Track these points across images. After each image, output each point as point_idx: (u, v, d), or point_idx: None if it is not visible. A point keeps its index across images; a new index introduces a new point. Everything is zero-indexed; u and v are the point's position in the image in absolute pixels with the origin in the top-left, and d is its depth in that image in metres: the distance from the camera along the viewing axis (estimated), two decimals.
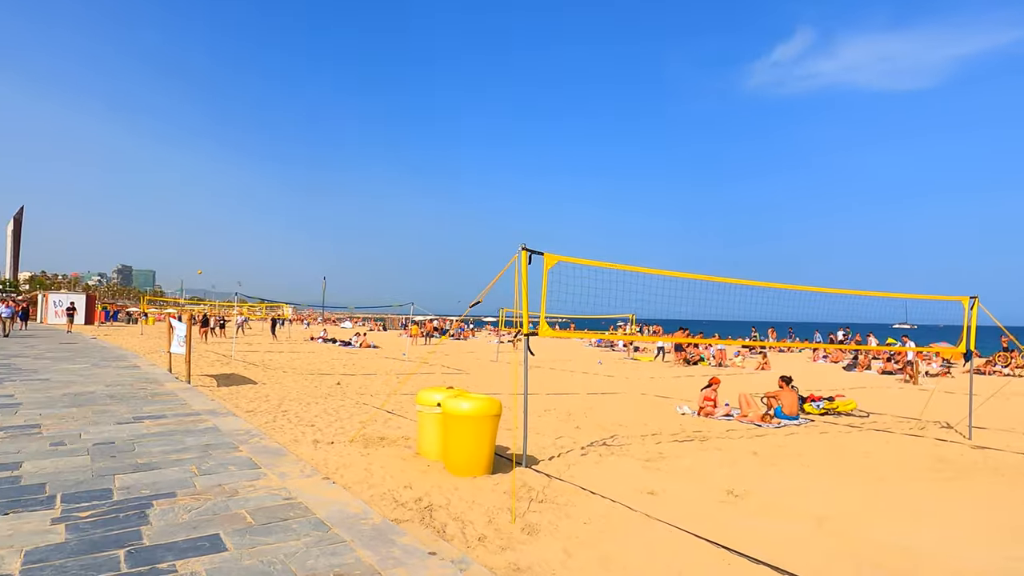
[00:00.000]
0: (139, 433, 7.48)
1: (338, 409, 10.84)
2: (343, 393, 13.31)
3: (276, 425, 8.95)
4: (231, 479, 5.59)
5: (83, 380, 12.41)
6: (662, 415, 12.06)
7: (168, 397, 10.40)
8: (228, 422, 8.38)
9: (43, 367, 14.79)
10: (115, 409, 9.11)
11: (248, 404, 10.84)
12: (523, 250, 6.97)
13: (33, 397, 10.05)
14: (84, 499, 4.95)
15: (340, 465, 6.61)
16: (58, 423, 7.99)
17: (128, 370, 14.63)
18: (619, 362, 28.98)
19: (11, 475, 5.58)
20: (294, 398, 12.05)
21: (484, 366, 23.79)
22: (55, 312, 44.22)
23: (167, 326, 37.77)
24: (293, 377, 16.36)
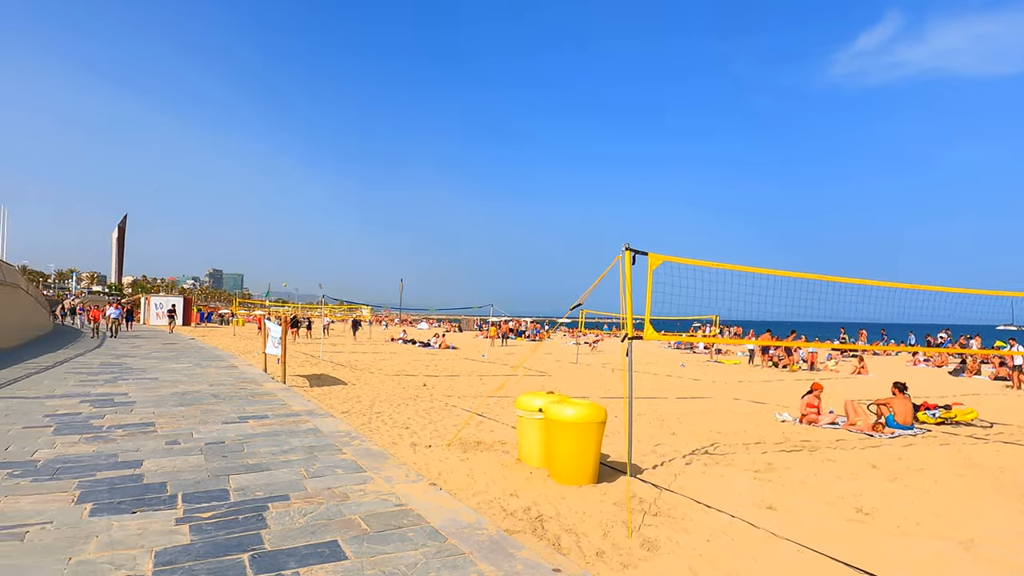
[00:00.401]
0: (246, 433, 7.67)
1: (429, 411, 10.86)
2: (430, 395, 13.38)
3: (372, 427, 9.02)
4: (339, 482, 5.59)
5: (188, 380, 12.99)
6: (761, 422, 11.45)
7: (268, 397, 10.70)
8: (327, 423, 8.50)
9: (151, 367, 15.63)
10: (220, 408, 9.43)
11: (342, 405, 11.02)
12: (627, 250, 6.69)
13: (145, 396, 10.56)
14: (203, 499, 5.05)
15: (442, 470, 6.53)
16: (170, 422, 8.32)
17: (227, 370, 15.24)
18: (702, 365, 28.04)
19: (134, 473, 5.78)
20: (384, 399, 12.19)
21: (565, 368, 23.51)
22: (156, 314, 47.07)
23: (261, 327, 39.44)
24: (380, 378, 16.63)
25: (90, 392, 10.83)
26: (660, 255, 6.91)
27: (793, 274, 8.11)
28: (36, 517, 4.53)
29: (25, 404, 9.38)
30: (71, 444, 6.87)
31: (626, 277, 6.65)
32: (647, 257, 6.85)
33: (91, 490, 5.21)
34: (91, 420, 8.27)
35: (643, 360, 29.58)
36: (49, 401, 9.73)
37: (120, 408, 9.27)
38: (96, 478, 5.57)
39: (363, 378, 16.34)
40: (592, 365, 25.50)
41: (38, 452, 6.47)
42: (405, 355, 26.91)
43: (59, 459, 6.20)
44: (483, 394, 14.05)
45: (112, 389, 11.27)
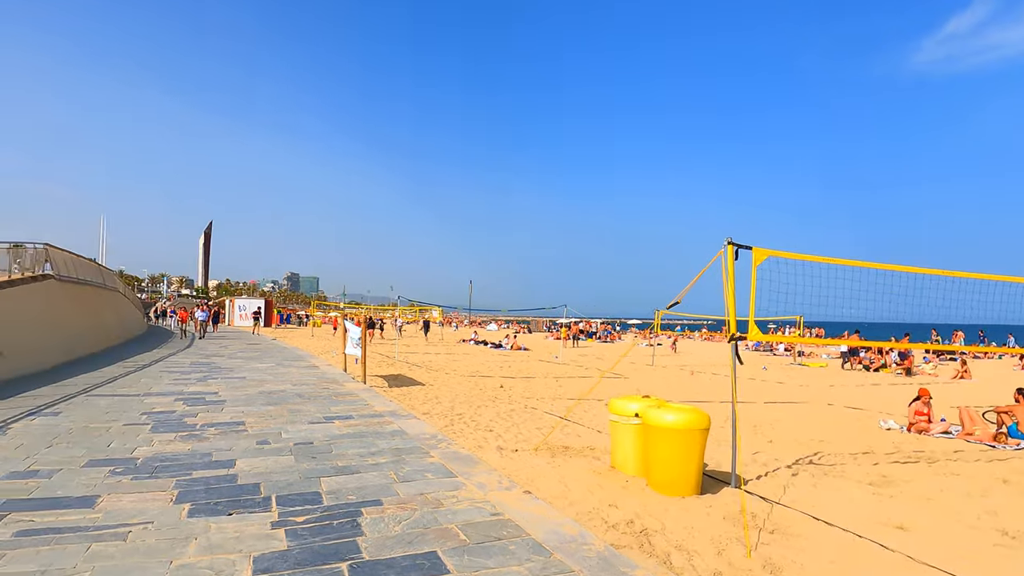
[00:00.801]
0: (332, 434, 7.63)
1: (510, 414, 10.63)
2: (509, 397, 13.16)
3: (455, 429, 8.85)
4: (431, 488, 5.40)
5: (273, 379, 13.26)
6: (864, 430, 10.63)
7: (350, 398, 10.74)
8: (411, 425, 8.38)
9: (237, 366, 16.11)
10: (306, 408, 9.49)
11: (422, 406, 10.94)
12: (729, 244, 6.23)
13: (234, 395, 10.79)
14: (297, 502, 4.95)
15: (533, 476, 6.25)
16: (259, 421, 8.40)
17: (309, 370, 15.52)
18: (785, 368, 26.73)
19: (228, 473, 5.78)
20: (463, 400, 12.05)
21: (641, 370, 22.88)
22: (239, 315, 49.12)
23: (340, 329, 40.48)
24: (456, 379, 16.56)
25: (183, 391, 11.17)
26: (765, 249, 6.40)
27: (899, 268, 7.37)
28: (138, 516, 4.53)
29: (125, 402, 9.73)
30: (168, 442, 7.00)
31: (729, 273, 6.19)
32: (751, 251, 6.36)
33: (188, 490, 5.22)
34: (185, 418, 8.46)
35: (715, 361, 28.50)
36: (147, 399, 10.07)
37: (211, 407, 9.47)
38: (192, 477, 5.59)
39: (439, 379, 16.31)
40: (669, 367, 24.75)
41: (138, 450, 6.60)
42: (478, 356, 26.90)
43: (157, 457, 6.30)
44: (561, 396, 13.73)
45: (203, 388, 11.60)
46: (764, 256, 6.38)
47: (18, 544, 3.97)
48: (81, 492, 5.07)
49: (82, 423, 7.95)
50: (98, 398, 10.03)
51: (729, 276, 6.19)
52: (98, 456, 6.29)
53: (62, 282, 20.06)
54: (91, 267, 26.62)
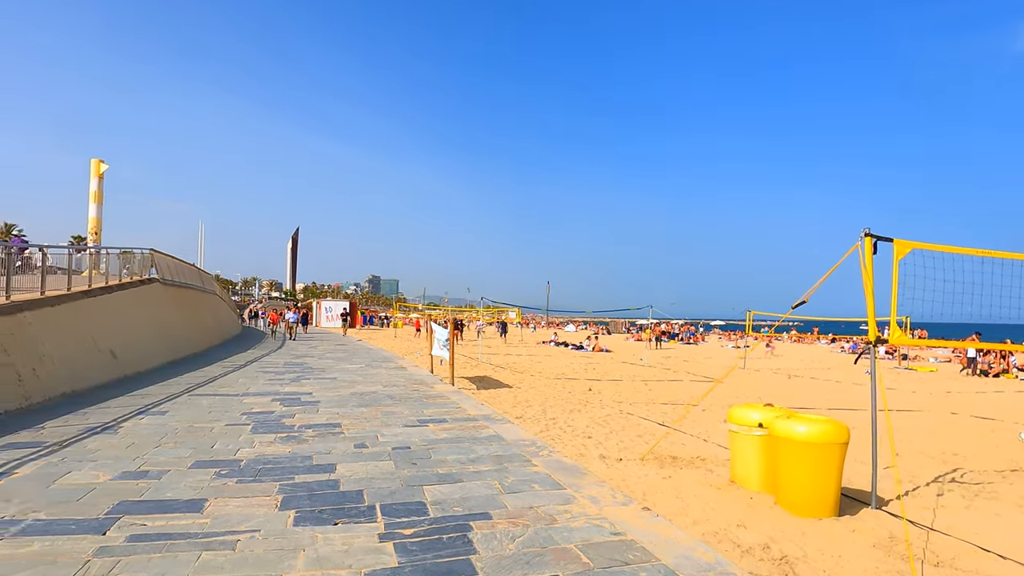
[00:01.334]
0: (429, 439, 7.42)
1: (606, 419, 10.16)
2: (599, 400, 12.68)
3: (552, 435, 8.49)
4: (540, 501, 5.04)
5: (363, 380, 13.33)
6: (1001, 443, 9.51)
7: (441, 400, 10.58)
8: (507, 430, 8.08)
9: (328, 367, 16.38)
10: (399, 411, 9.37)
11: (514, 409, 10.65)
12: (866, 236, 5.56)
13: (327, 395, 10.85)
14: (402, 513, 4.70)
15: (646, 490, 5.79)
16: (355, 423, 8.32)
17: (397, 371, 15.58)
18: (891, 372, 24.87)
19: (330, 478, 5.63)
20: (554, 404, 11.67)
21: (732, 373, 21.80)
22: (326, 317, 50.77)
23: (426, 330, 40.96)
24: (542, 381, 16.22)
25: (279, 391, 11.34)
26: (908, 241, 5.68)
27: None
28: (244, 523, 4.40)
29: (226, 401, 9.93)
30: (268, 444, 6.98)
31: (867, 269, 5.53)
32: (892, 244, 5.66)
33: (292, 495, 5.08)
34: (283, 419, 8.49)
35: (808, 365, 26.85)
36: (245, 399, 10.25)
37: (307, 407, 9.51)
38: (295, 482, 5.47)
39: (526, 381, 16.01)
40: (762, 371, 23.48)
41: (240, 451, 6.59)
42: (559, 358, 26.47)
43: (259, 459, 6.25)
44: (654, 401, 13.12)
45: (297, 388, 11.75)
46: (907, 249, 5.67)
47: (132, 550, 3.89)
48: (189, 495, 5.02)
49: (187, 423, 8.10)
50: (200, 397, 10.30)
51: (867, 272, 5.53)
52: (203, 457, 6.30)
53: (166, 285, 21.14)
54: (191, 271, 28.03)
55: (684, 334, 52.65)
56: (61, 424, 7.81)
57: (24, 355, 9.62)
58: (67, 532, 4.16)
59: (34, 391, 9.36)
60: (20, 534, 4.10)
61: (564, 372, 19.43)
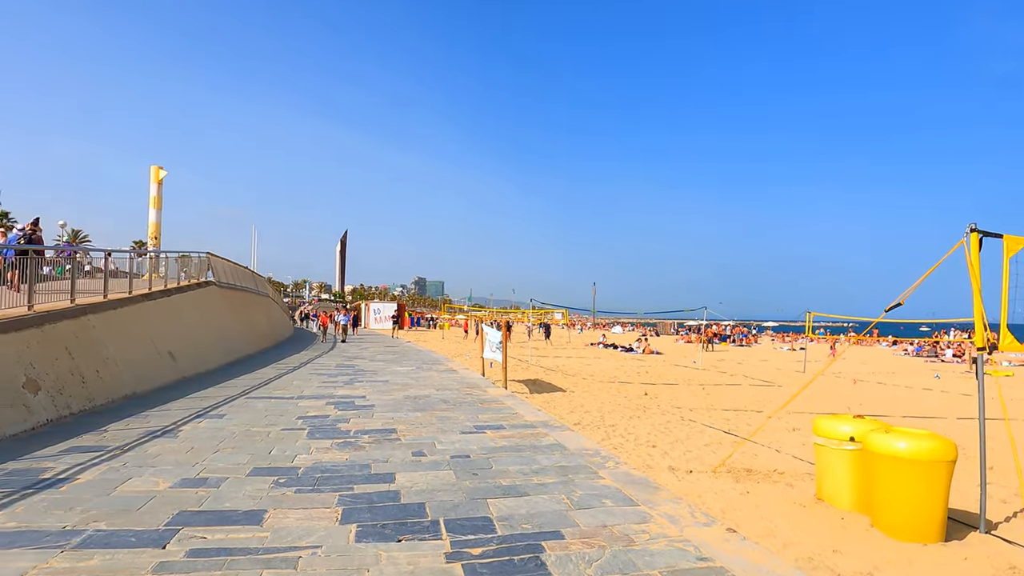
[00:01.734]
0: (488, 447, 7.16)
1: (667, 426, 9.74)
2: (657, 406, 12.24)
3: (614, 443, 8.13)
4: (614, 519, 4.69)
5: (416, 383, 13.19)
6: None
7: (496, 405, 10.31)
8: (568, 438, 7.74)
9: (379, 369, 16.34)
10: (454, 416, 9.14)
11: (571, 415, 10.31)
12: (972, 232, 5.04)
13: (381, 399, 10.72)
14: (467, 529, 4.43)
15: (725, 506, 5.39)
16: (411, 429, 8.12)
17: (448, 374, 15.41)
18: (960, 376, 23.54)
19: (389, 489, 5.40)
20: (611, 410, 11.28)
21: (791, 377, 20.96)
22: (375, 318, 51.31)
23: (474, 332, 40.99)
24: (596, 385, 15.83)
25: (333, 394, 11.28)
26: (1020, 237, 5.13)
27: None
28: (305, 538, 4.20)
29: (281, 404, 9.89)
30: (325, 450, 6.82)
31: (974, 267, 5.01)
32: (1002, 240, 5.12)
33: (352, 507, 4.87)
34: (338, 424, 8.36)
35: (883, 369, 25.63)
36: (301, 402, 10.20)
37: (362, 411, 9.37)
38: (354, 492, 5.27)
39: (579, 385, 15.65)
40: (824, 375, 22.50)
41: (298, 458, 6.45)
42: (610, 360, 25.98)
43: (317, 467, 6.08)
44: (714, 407, 12.59)
45: (351, 392, 11.67)
46: (1020, 245, 5.12)
47: (192, 566, 3.72)
48: (248, 505, 4.87)
49: (244, 426, 8.04)
50: (256, 400, 10.29)
51: (975, 270, 5.01)
52: (261, 464, 6.18)
53: (222, 288, 21.53)
54: (245, 274, 28.58)
55: (736, 336, 51.27)
56: (123, 427, 7.84)
57: (88, 357, 9.77)
58: (127, 545, 4.03)
59: (97, 393, 9.50)
60: (81, 546, 3.99)
61: (617, 375, 18.98)
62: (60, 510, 4.66)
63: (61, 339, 9.30)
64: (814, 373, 22.62)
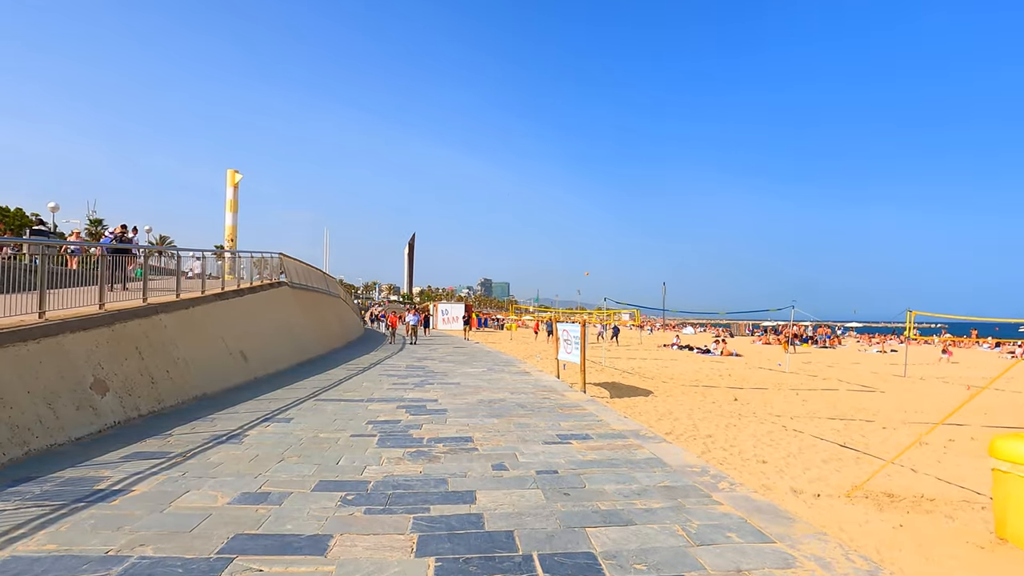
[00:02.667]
0: (576, 459, 6.35)
1: (771, 437, 8.67)
2: (753, 413, 11.11)
3: (717, 457, 7.18)
4: (749, 561, 3.78)
5: (488, 386, 12.53)
6: None
7: (577, 411, 9.49)
8: (665, 451, 6.84)
9: (450, 370, 15.79)
10: (533, 423, 8.38)
11: (660, 423, 9.39)
12: None
13: (454, 403, 10.09)
14: (568, 569, 3.64)
15: (879, 545, 4.39)
16: (488, 437, 7.41)
17: (520, 376, 14.69)
18: None
19: (470, 511, 4.68)
20: (703, 417, 10.27)
21: (890, 382, 19.13)
22: (443, 319, 51.30)
23: (551, 332, 40.13)
24: (677, 388, 14.77)
25: (403, 397, 10.74)
26: None
27: None
28: (375, 575, 3.52)
29: (351, 408, 9.39)
30: (397, 461, 6.19)
31: None
32: None
33: (429, 534, 4.17)
34: (410, 430, 7.75)
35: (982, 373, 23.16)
36: (371, 405, 9.69)
37: (434, 417, 8.75)
38: (431, 515, 4.57)
39: (660, 388, 14.63)
40: (928, 379, 20.51)
41: (367, 469, 5.83)
42: (687, 362, 24.66)
43: (388, 482, 5.43)
44: (816, 415, 11.34)
45: (422, 394, 11.11)
46: None
47: None
48: (312, 528, 4.24)
49: (312, 431, 7.54)
50: (325, 403, 9.85)
51: None
52: (328, 476, 5.58)
53: (294, 289, 21.56)
54: (317, 275, 28.79)
55: (820, 337, 48.44)
56: (188, 431, 7.47)
57: (158, 357, 9.56)
58: None
59: (167, 394, 9.26)
60: None
61: (698, 379, 17.79)
62: (108, 529, 4.16)
63: (131, 339, 9.10)
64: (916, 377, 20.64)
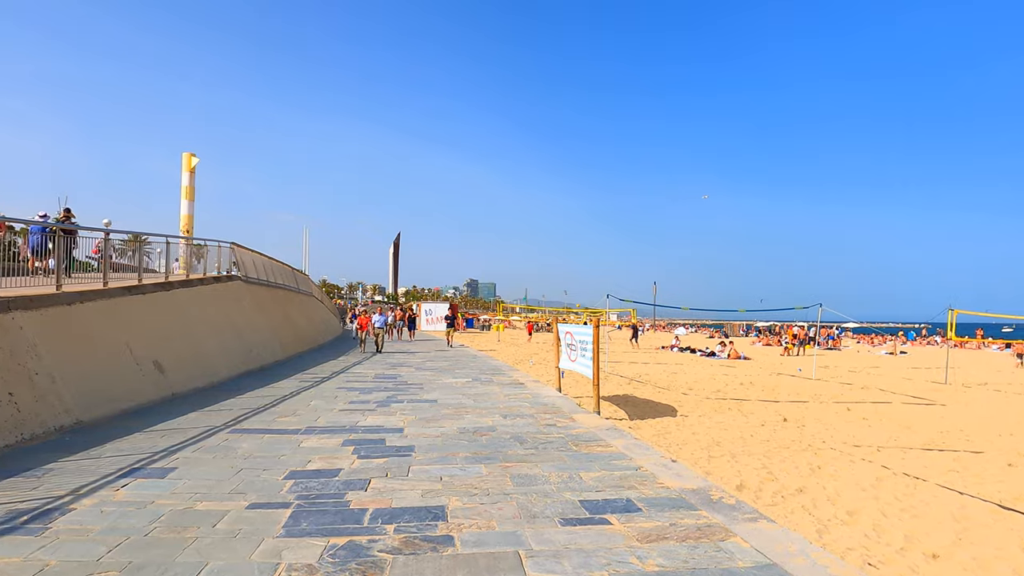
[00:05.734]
0: (628, 566, 3.61)
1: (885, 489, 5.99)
2: (823, 442, 8.44)
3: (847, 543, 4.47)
4: None
5: (473, 404, 9.78)
6: None
7: (598, 447, 6.76)
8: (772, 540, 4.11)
9: (427, 381, 13.02)
10: (540, 473, 5.64)
11: (715, 463, 6.68)
12: None
13: (425, 434, 7.33)
14: None
15: None
16: (471, 506, 4.66)
17: (514, 389, 11.94)
18: None
19: None
20: (763, 450, 7.59)
21: (937, 391, 16.48)
22: (427, 320, 48.36)
23: (531, 334, 36.86)
24: (705, 403, 12.07)
25: (357, 424, 7.96)
26: None
27: None
28: None
29: (276, 444, 6.61)
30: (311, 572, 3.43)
31: None
32: None
33: None
34: (349, 492, 4.96)
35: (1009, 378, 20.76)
36: (307, 440, 6.90)
37: (393, 462, 5.98)
38: None
39: (684, 403, 11.94)
40: (972, 387, 17.96)
41: None
42: (695, 367, 22.00)
43: None
44: (895, 441, 8.70)
45: (384, 419, 8.33)
46: None
47: None
48: None
49: (189, 499, 4.73)
50: (244, 436, 7.04)
51: None
52: None
53: (249, 284, 18.67)
54: (284, 270, 25.83)
55: (822, 338, 46.13)
56: None
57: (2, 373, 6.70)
58: None
59: (6, 426, 6.40)
60: None
61: (720, 388, 15.11)
62: None
63: None
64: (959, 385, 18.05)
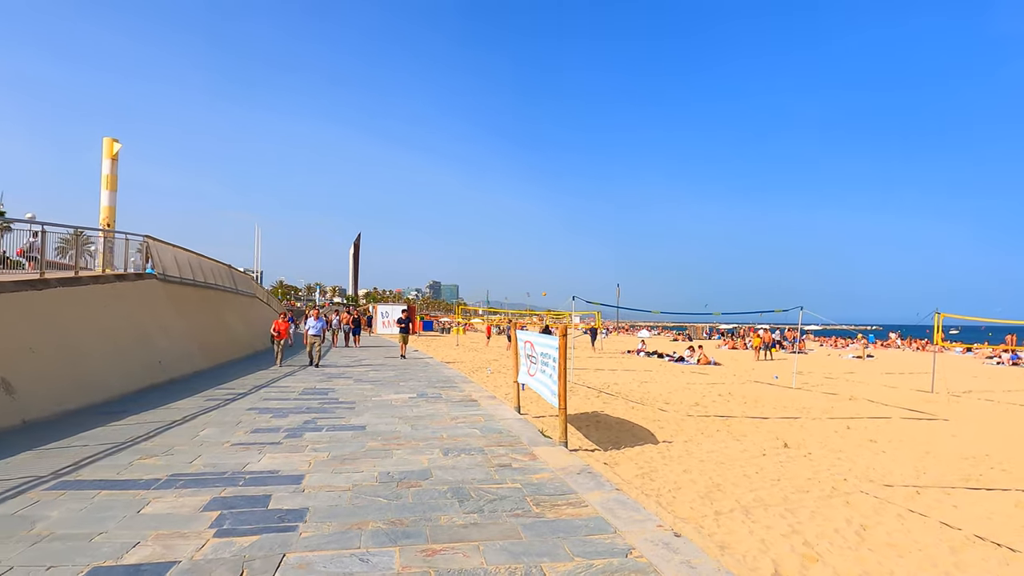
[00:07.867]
0: None
1: (910, 539, 4.28)
2: (844, 480, 6.76)
3: None
4: None
5: (409, 432, 7.87)
6: None
7: (568, 508, 4.91)
8: None
9: (362, 398, 11.01)
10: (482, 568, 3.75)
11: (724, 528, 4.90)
12: None
13: (330, 485, 5.39)
14: None
15: None
16: None
17: (465, 409, 10.04)
18: None
19: None
20: (774, 498, 5.85)
21: (930, 401, 15.12)
22: (383, 322, 46.09)
23: (490, 337, 34.59)
24: (687, 422, 10.34)
25: (244, 468, 5.96)
26: None
27: None
28: None
29: (103, 511, 4.58)
30: None
31: None
32: None
33: None
34: None
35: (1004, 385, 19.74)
36: (156, 501, 4.88)
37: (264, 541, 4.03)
38: None
39: (665, 423, 10.20)
40: (962, 396, 16.70)
41: None
42: (665, 374, 20.40)
43: None
44: (926, 477, 7.09)
45: (284, 460, 6.35)
46: None
47: None
48: None
49: None
50: (62, 497, 4.98)
51: None
52: None
53: (167, 283, 16.34)
54: (217, 268, 23.38)
55: (788, 341, 45.38)
56: None
57: None
58: None
59: None
60: None
61: (699, 401, 13.44)
62: None
63: None
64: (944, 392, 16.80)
